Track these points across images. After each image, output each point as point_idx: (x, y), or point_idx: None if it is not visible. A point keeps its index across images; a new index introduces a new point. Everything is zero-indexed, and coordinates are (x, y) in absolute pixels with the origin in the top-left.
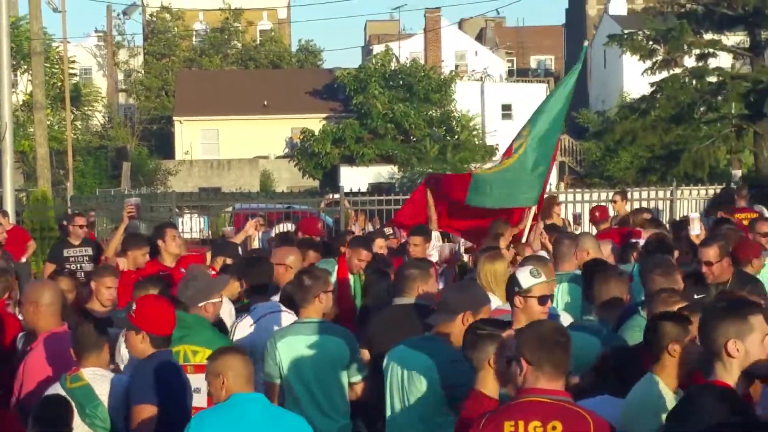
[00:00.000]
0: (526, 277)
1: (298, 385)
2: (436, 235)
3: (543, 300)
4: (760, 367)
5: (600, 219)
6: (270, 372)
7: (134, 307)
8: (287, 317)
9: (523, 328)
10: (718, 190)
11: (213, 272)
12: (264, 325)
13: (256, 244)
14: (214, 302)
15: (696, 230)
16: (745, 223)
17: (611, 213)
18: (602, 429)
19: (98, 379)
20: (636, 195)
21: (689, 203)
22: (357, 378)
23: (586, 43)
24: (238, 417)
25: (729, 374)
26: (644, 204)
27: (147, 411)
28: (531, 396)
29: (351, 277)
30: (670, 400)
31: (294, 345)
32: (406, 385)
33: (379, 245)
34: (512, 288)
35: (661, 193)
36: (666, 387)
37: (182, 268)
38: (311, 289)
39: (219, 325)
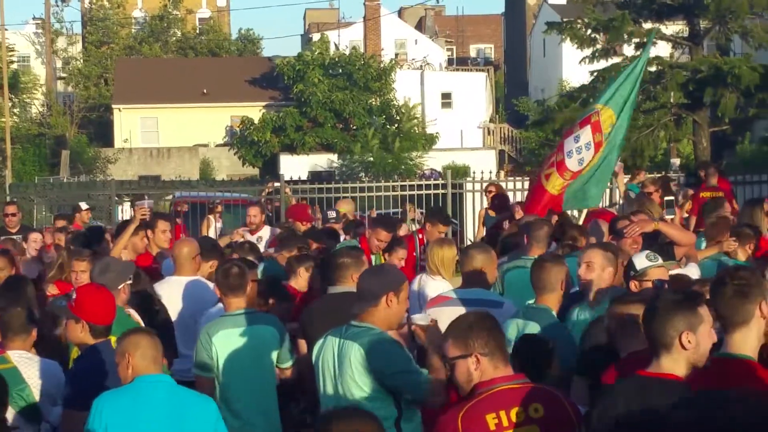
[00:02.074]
0: (641, 261)
1: (234, 377)
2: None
3: (659, 284)
4: None
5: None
6: (205, 366)
7: (74, 296)
8: None
9: (453, 324)
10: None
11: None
12: None
13: (212, 233)
14: (129, 283)
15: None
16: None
17: None
18: (576, 409)
19: (25, 362)
20: None
21: None
22: (288, 363)
23: (654, 27)
24: (142, 399)
25: (678, 366)
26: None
27: (79, 418)
28: (498, 385)
29: (373, 257)
30: None
31: (230, 338)
32: (338, 372)
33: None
34: (628, 272)
35: None
36: None
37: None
38: (243, 279)
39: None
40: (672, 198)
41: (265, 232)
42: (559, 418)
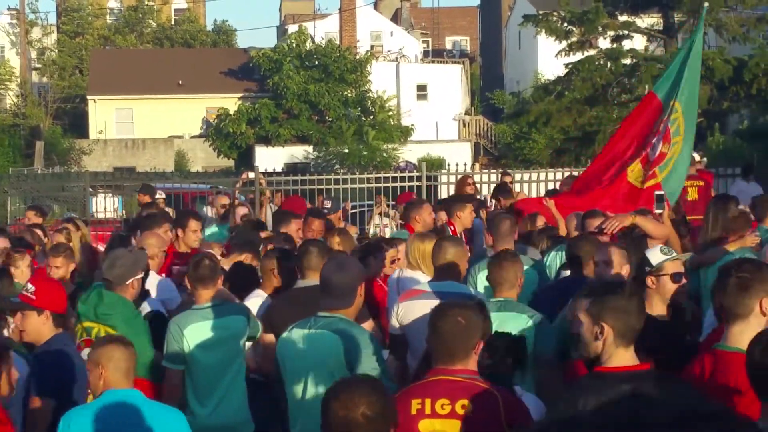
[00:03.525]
0: (656, 255)
1: (205, 368)
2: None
3: (677, 277)
4: None
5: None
6: (175, 358)
7: (32, 288)
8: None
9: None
10: None
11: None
12: None
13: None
14: (139, 278)
15: None
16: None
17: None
18: (512, 406)
19: None
20: (551, 176)
21: None
22: (257, 334)
23: (706, 5)
24: (111, 414)
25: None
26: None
27: (46, 405)
28: (438, 375)
29: None
30: None
31: (200, 329)
32: (307, 362)
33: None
34: (643, 268)
35: (576, 174)
36: None
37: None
38: (214, 272)
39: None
40: (662, 192)
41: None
42: (486, 419)
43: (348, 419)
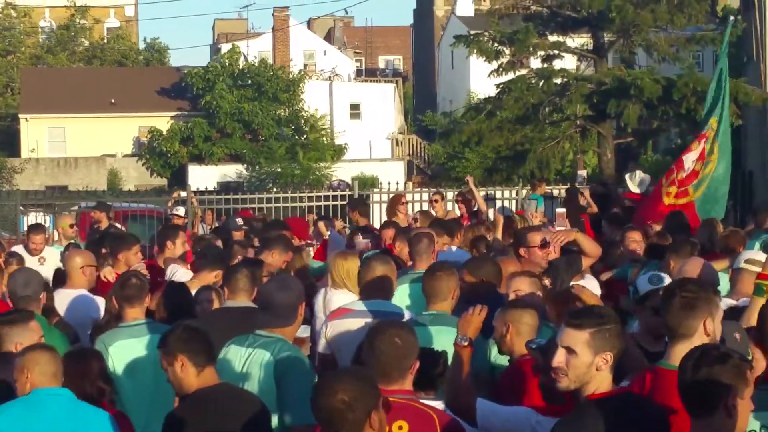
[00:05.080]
0: (645, 285)
1: (132, 387)
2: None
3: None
4: None
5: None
6: None
7: None
8: None
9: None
10: (562, 191)
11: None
12: None
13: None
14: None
15: (561, 225)
16: None
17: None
18: (449, 425)
19: None
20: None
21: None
22: None
23: (731, 19)
24: (37, 411)
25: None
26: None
27: None
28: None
29: None
30: None
31: (127, 348)
32: (243, 382)
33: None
34: (632, 296)
35: (507, 193)
36: None
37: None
38: (142, 290)
39: None
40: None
41: (49, 252)
42: None
43: (328, 407)
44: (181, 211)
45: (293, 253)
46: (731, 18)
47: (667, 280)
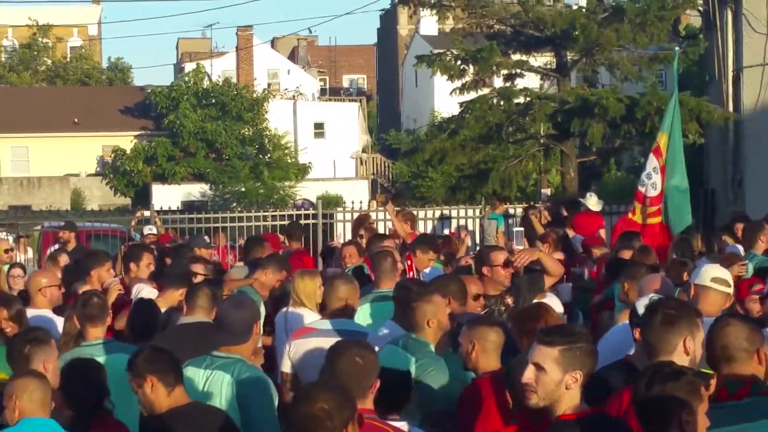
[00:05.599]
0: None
1: None
2: None
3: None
4: None
5: None
6: None
7: None
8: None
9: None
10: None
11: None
12: None
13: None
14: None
15: (519, 244)
16: None
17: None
18: None
19: None
20: (446, 213)
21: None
22: None
23: (677, 49)
24: None
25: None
26: (454, 223)
27: None
28: None
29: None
30: None
31: None
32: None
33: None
34: (631, 319)
35: (470, 212)
36: None
37: None
38: (103, 309)
39: None
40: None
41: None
42: None
43: (307, 414)
44: (153, 230)
45: (286, 273)
46: (677, 48)
47: None
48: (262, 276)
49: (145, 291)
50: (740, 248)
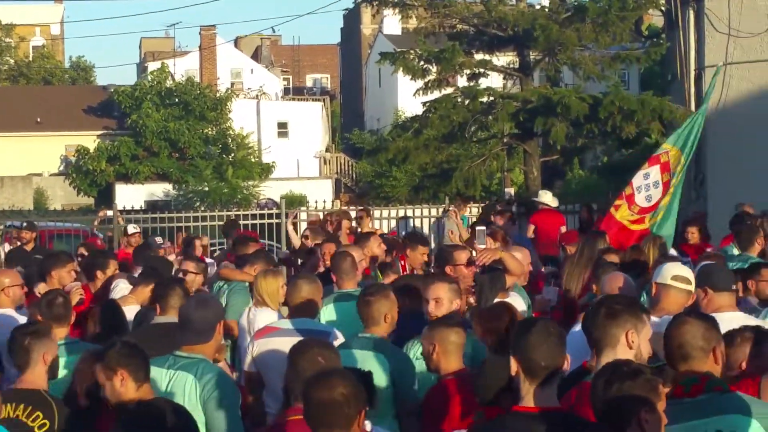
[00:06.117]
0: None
1: None
2: None
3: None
4: None
5: None
6: None
7: None
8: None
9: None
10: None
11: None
12: None
13: None
14: None
15: (482, 243)
16: None
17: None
18: None
19: None
20: (410, 213)
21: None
22: None
23: (720, 64)
24: None
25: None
26: (417, 222)
27: None
28: (297, 414)
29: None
30: None
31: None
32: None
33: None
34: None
35: (434, 211)
36: None
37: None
38: (68, 309)
39: None
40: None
41: None
42: None
43: (327, 399)
44: (137, 228)
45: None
46: (720, 64)
47: None
48: (251, 271)
49: (120, 285)
50: (689, 259)
